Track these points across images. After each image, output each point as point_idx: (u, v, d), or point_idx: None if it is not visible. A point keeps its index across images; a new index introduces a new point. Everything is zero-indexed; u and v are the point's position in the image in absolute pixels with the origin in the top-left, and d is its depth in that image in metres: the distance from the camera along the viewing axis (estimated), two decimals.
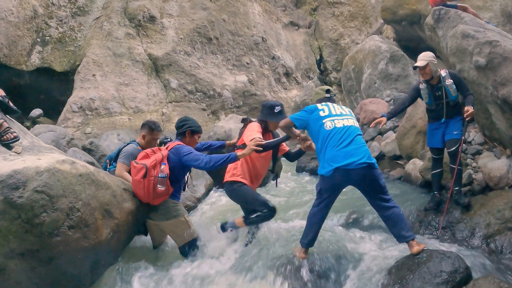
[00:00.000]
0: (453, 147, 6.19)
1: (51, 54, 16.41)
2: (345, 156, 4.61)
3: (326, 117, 4.88)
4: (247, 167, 5.49)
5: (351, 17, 21.92)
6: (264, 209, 5.26)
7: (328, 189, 4.77)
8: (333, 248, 5.23)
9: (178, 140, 5.60)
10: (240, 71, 18.22)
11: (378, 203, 4.79)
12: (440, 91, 6.22)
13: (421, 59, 6.23)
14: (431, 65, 6.14)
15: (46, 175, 4.16)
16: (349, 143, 4.67)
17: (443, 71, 6.24)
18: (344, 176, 4.63)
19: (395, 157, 9.90)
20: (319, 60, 21.87)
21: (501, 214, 5.79)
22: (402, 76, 14.17)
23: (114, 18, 17.11)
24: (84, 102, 15.30)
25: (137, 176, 5.15)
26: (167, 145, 5.60)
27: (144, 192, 5.17)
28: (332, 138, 4.73)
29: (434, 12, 8.63)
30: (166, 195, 5.31)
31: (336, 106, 5.05)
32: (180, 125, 5.71)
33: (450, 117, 6.28)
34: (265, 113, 5.59)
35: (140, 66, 16.56)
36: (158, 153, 5.30)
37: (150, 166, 5.12)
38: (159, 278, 5.02)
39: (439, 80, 6.23)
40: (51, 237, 4.12)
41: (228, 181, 5.55)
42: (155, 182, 5.12)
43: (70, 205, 4.25)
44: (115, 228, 4.80)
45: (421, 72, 6.24)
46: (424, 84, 6.32)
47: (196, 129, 5.75)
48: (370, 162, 4.64)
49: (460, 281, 4.04)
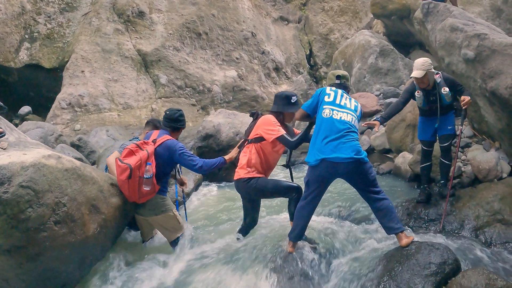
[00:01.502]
0: (446, 142, 6.20)
1: (40, 50, 16.29)
2: (333, 149, 4.57)
3: (328, 103, 4.81)
4: (260, 162, 5.21)
5: (341, 11, 21.90)
6: (292, 193, 5.11)
7: (316, 181, 4.72)
8: (322, 240, 5.23)
9: (166, 134, 5.46)
10: (230, 66, 18.15)
11: (368, 195, 4.78)
12: (434, 96, 6.18)
13: (419, 68, 5.99)
14: (429, 74, 6.00)
15: (32, 170, 4.12)
16: (340, 137, 4.62)
17: (437, 76, 6.11)
18: (331, 169, 4.61)
19: (385, 150, 9.92)
20: (309, 55, 21.84)
21: (490, 206, 5.82)
22: (391, 70, 14.23)
23: (103, 13, 16.99)
24: (73, 99, 15.19)
25: (121, 176, 5.04)
26: (158, 139, 5.36)
27: (129, 192, 5.11)
28: (326, 128, 4.69)
29: (423, 6, 8.63)
30: (153, 193, 5.24)
31: (344, 96, 4.95)
32: (179, 119, 5.61)
33: (443, 115, 6.28)
34: (281, 104, 5.27)
35: (129, 62, 16.46)
36: (144, 151, 5.15)
37: (134, 166, 4.99)
38: (147, 272, 5.00)
39: (434, 86, 6.15)
40: (37, 232, 4.09)
41: (242, 178, 5.19)
42: (140, 182, 5.05)
43: (56, 200, 4.21)
44: (102, 223, 4.76)
45: (418, 81, 6.12)
46: (420, 92, 6.26)
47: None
48: (358, 158, 4.61)
49: (449, 273, 4.04)
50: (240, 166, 5.25)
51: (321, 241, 5.20)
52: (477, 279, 3.81)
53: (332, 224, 5.99)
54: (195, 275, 4.83)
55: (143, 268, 5.11)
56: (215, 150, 9.31)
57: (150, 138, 5.41)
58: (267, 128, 5.08)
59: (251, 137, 5.26)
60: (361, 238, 5.50)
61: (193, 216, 7.01)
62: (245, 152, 5.25)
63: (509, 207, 5.70)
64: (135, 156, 5.10)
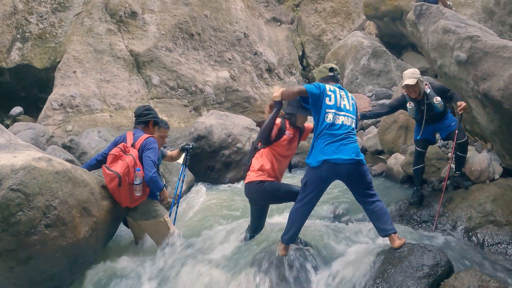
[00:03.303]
0: (462, 138, 6.30)
1: (31, 50, 16.17)
2: (334, 150, 4.57)
3: (330, 107, 4.73)
4: (272, 168, 5.13)
5: (333, 13, 21.91)
6: None
7: (314, 181, 4.68)
8: (315, 242, 5.21)
9: (141, 132, 5.46)
10: (222, 67, 18.10)
11: (363, 197, 4.77)
12: (424, 106, 6.33)
13: (410, 76, 6.22)
14: (420, 83, 6.20)
15: (22, 173, 4.08)
16: (341, 139, 4.62)
17: (426, 87, 6.32)
18: (332, 170, 4.58)
19: (377, 152, 9.95)
20: (301, 56, 21.84)
21: (482, 207, 5.85)
22: (384, 72, 14.28)
23: (95, 13, 16.89)
24: (65, 99, 15.09)
25: (111, 185, 4.98)
26: (136, 142, 5.31)
27: (121, 199, 5.09)
28: (328, 132, 4.66)
29: (415, 7, 8.66)
30: (144, 196, 5.23)
31: (343, 95, 4.87)
32: (144, 113, 5.60)
33: (437, 122, 6.38)
34: (296, 106, 5.13)
35: (121, 63, 16.37)
36: (129, 156, 5.09)
37: (123, 174, 4.96)
38: (137, 274, 4.99)
39: (423, 97, 6.33)
40: (28, 236, 4.06)
41: (255, 181, 5.10)
42: (131, 189, 5.03)
43: (46, 203, 4.18)
44: (94, 226, 4.72)
45: (410, 90, 6.28)
46: (412, 103, 6.36)
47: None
48: (358, 159, 4.61)
49: (441, 275, 4.04)
50: (252, 170, 5.19)
51: (313, 243, 5.18)
52: (470, 281, 3.81)
53: (323, 225, 5.98)
54: (184, 278, 4.81)
55: (133, 269, 5.08)
56: (207, 151, 9.30)
57: (127, 141, 5.33)
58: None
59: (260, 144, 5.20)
60: (353, 239, 5.49)
61: (182, 219, 6.96)
62: (258, 157, 5.21)
63: (501, 208, 5.73)
64: (122, 162, 5.04)
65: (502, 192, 5.97)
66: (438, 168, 7.21)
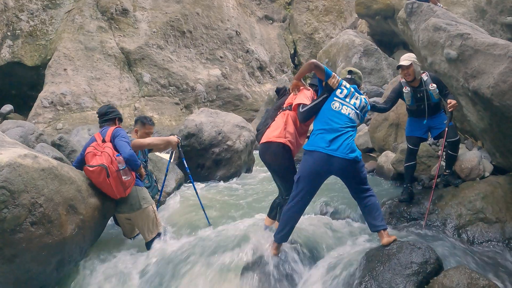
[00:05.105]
0: (454, 137, 6.33)
1: (22, 48, 16.10)
2: (331, 142, 4.59)
3: (339, 98, 4.85)
4: (294, 130, 5.10)
5: (325, 11, 21.96)
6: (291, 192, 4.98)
7: (307, 176, 4.66)
8: (303, 239, 5.20)
9: (106, 127, 5.50)
10: (214, 65, 18.08)
11: (357, 192, 4.79)
12: (421, 93, 6.37)
13: (405, 59, 6.36)
14: (414, 66, 6.29)
15: (7, 170, 4.03)
16: (340, 135, 4.65)
17: (424, 74, 6.40)
18: (325, 161, 4.57)
19: (368, 149, 9.94)
20: (293, 54, 21.87)
21: (472, 205, 5.84)
22: (375, 70, 14.29)
23: (86, 11, 16.83)
24: (55, 97, 15.01)
25: (100, 178, 4.98)
26: (106, 137, 5.36)
27: (114, 189, 5.07)
28: (331, 119, 4.72)
29: (406, 5, 8.64)
30: (133, 180, 5.27)
31: (356, 95, 4.97)
32: (109, 111, 5.74)
33: (432, 115, 6.40)
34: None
35: (112, 60, 16.32)
36: (105, 148, 5.14)
37: (108, 163, 4.98)
38: (126, 271, 4.97)
39: (420, 83, 6.40)
40: (13, 234, 4.00)
41: (276, 142, 5.00)
42: (120, 176, 5.02)
43: (32, 200, 4.12)
44: (81, 224, 4.67)
45: (404, 72, 6.35)
46: (408, 88, 6.38)
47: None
48: (352, 156, 4.61)
49: (431, 272, 4.02)
50: (272, 131, 5.11)
51: (303, 240, 5.16)
52: (459, 278, 3.80)
53: (314, 222, 5.96)
54: (171, 275, 4.80)
55: (122, 267, 5.04)
56: (197, 149, 9.25)
57: (97, 141, 5.33)
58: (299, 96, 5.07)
59: (286, 105, 5.24)
60: (343, 236, 5.49)
61: (172, 216, 6.92)
62: (279, 120, 5.16)
63: (491, 206, 5.73)
64: (102, 154, 5.08)
65: (492, 189, 5.96)
66: (428, 166, 7.21)
